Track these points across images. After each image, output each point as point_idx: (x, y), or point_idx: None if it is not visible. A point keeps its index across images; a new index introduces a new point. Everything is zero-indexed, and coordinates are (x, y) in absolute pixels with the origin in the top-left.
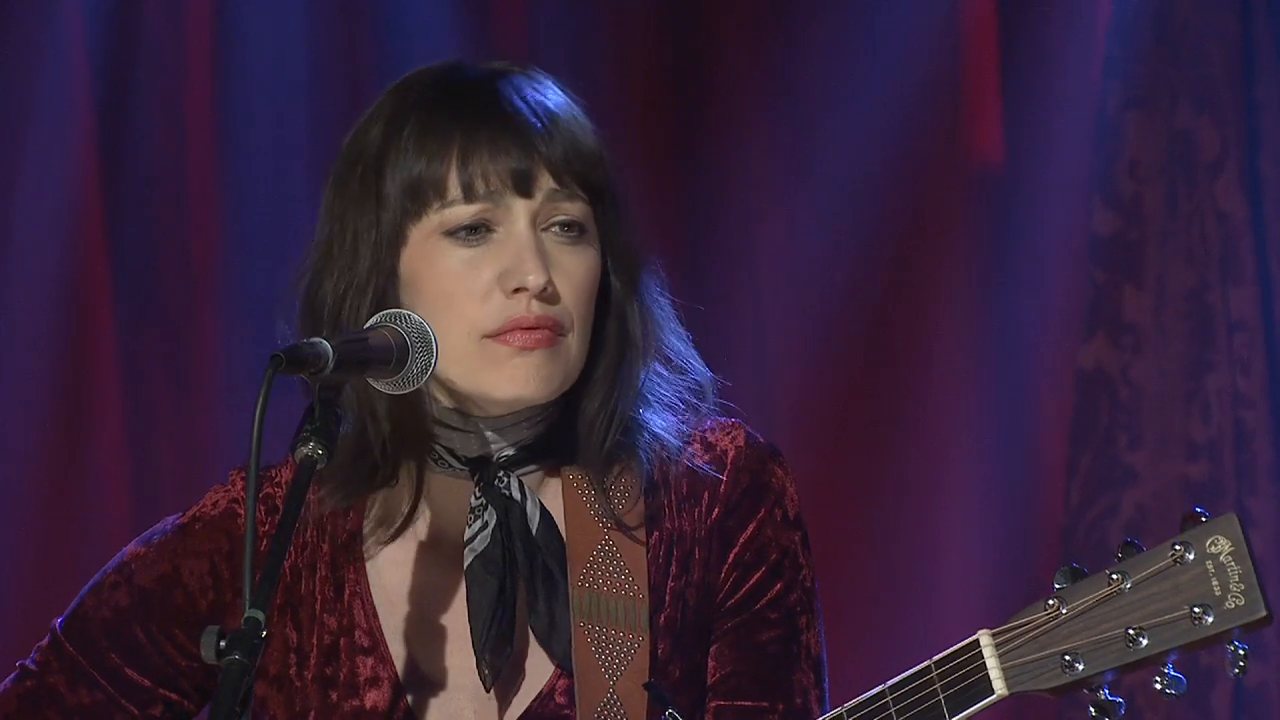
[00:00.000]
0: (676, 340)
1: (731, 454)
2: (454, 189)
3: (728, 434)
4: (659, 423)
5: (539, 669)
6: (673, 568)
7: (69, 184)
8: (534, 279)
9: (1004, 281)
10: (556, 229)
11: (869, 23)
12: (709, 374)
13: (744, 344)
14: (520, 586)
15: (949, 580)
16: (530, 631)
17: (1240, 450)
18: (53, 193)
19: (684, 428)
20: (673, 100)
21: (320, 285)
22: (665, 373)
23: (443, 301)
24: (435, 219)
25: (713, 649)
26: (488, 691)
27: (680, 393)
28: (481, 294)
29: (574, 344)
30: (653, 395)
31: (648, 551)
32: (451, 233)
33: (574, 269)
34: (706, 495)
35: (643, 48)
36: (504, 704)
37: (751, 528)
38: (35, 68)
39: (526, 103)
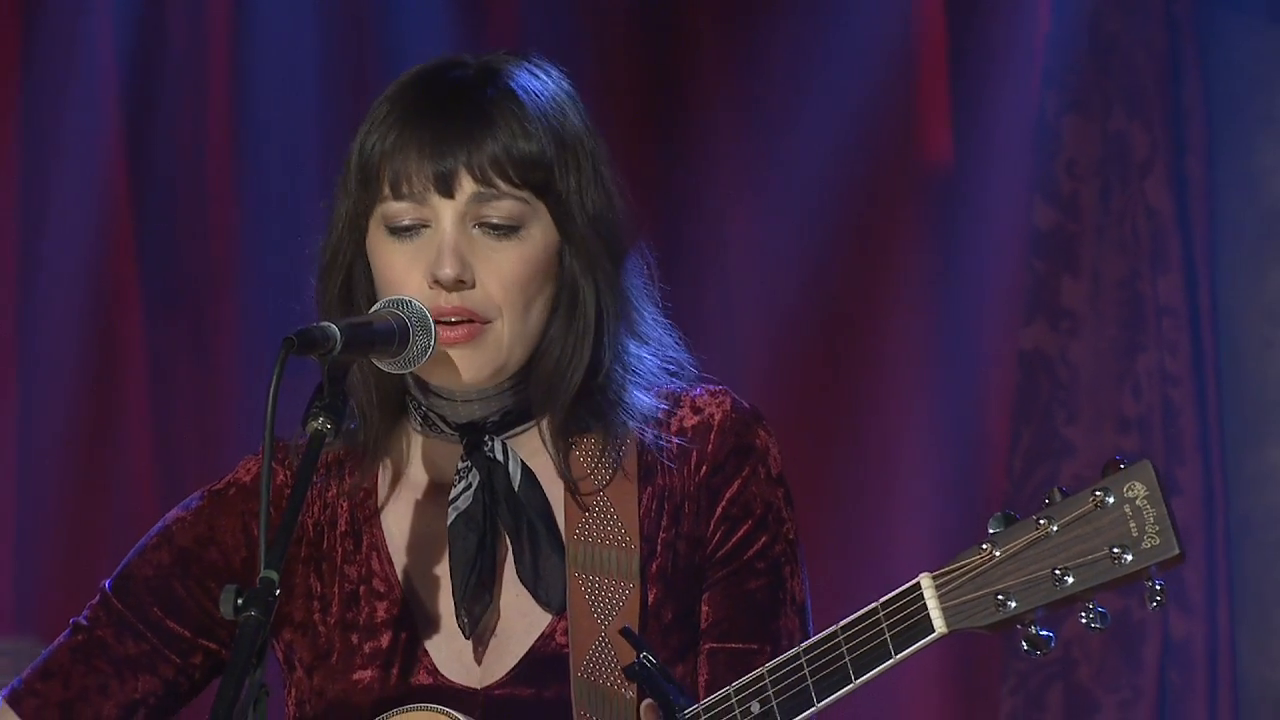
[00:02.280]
0: (652, 321)
1: (718, 418)
2: (386, 186)
3: (715, 399)
4: (645, 391)
5: (538, 612)
6: (664, 520)
7: (100, 180)
8: (444, 273)
9: (952, 271)
10: (486, 227)
11: (830, 34)
12: (680, 350)
13: (714, 328)
14: (506, 540)
15: (903, 542)
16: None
17: (1168, 425)
18: (85, 188)
19: (675, 393)
20: (650, 105)
21: (319, 258)
22: (647, 345)
23: (385, 289)
24: (379, 211)
25: (705, 596)
26: (467, 638)
27: (663, 364)
28: (415, 286)
29: (505, 330)
30: (640, 366)
31: (640, 506)
32: (390, 227)
33: (501, 264)
34: (695, 454)
35: (624, 57)
36: (510, 643)
37: (737, 485)
38: (69, 74)
39: (473, 105)
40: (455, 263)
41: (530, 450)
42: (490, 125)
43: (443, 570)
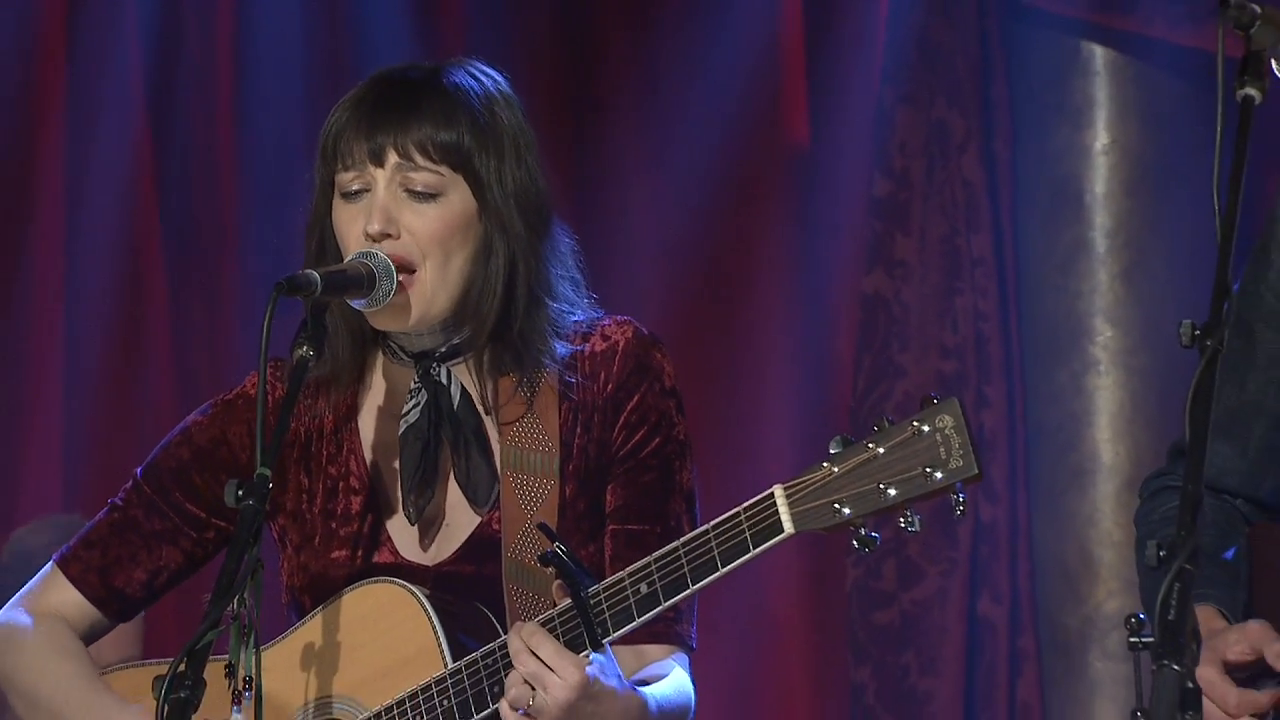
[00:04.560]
0: (570, 283)
1: (622, 344)
2: (337, 160)
3: (620, 328)
4: (562, 340)
5: (468, 510)
6: (578, 429)
7: (129, 153)
8: (371, 228)
9: (809, 229)
10: (410, 193)
11: (711, 41)
12: (590, 308)
13: (621, 275)
14: (446, 448)
15: (770, 443)
16: (460, 485)
17: (980, 352)
18: (117, 158)
19: (587, 327)
20: (569, 95)
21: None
22: (557, 302)
23: (343, 244)
24: (336, 180)
25: (609, 487)
26: (413, 525)
27: (579, 305)
28: (354, 238)
29: (428, 278)
30: (560, 320)
31: (560, 418)
32: (341, 193)
33: (419, 224)
34: (603, 374)
35: (549, 57)
36: (455, 531)
37: (636, 398)
38: (103, 70)
39: (409, 96)
40: (381, 219)
41: (482, 376)
42: (418, 114)
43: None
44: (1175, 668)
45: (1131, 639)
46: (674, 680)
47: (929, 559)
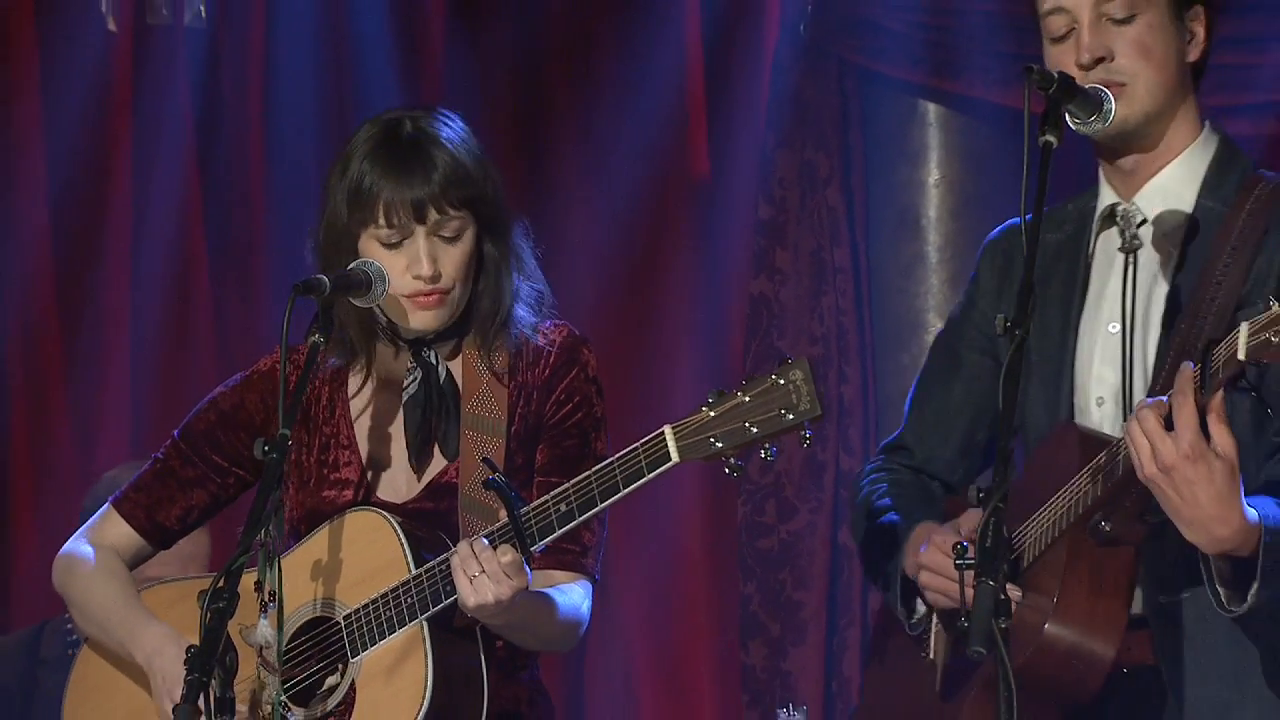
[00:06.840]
0: (531, 273)
1: (558, 340)
2: (381, 220)
3: (558, 329)
4: (524, 321)
5: (440, 460)
6: (521, 402)
7: (181, 181)
8: (424, 272)
9: (709, 244)
10: (442, 235)
11: (636, 94)
12: (548, 293)
13: (561, 280)
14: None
15: (677, 413)
16: (435, 440)
17: (840, 340)
18: (172, 186)
19: (536, 324)
20: (521, 131)
21: (316, 241)
22: (528, 291)
23: (392, 282)
24: (372, 232)
25: (539, 447)
26: (418, 476)
27: (536, 302)
28: (399, 276)
29: (457, 294)
30: (523, 304)
31: (509, 393)
32: (383, 243)
33: (454, 256)
34: (542, 362)
35: (506, 101)
36: (420, 478)
37: (566, 382)
38: (161, 115)
39: (428, 157)
40: (430, 266)
41: (448, 355)
42: (438, 173)
43: (385, 433)
44: (990, 583)
45: (956, 561)
46: (569, 592)
47: (801, 499)
